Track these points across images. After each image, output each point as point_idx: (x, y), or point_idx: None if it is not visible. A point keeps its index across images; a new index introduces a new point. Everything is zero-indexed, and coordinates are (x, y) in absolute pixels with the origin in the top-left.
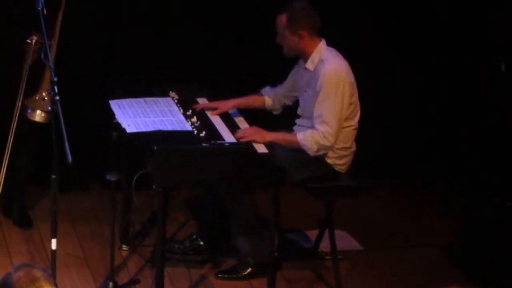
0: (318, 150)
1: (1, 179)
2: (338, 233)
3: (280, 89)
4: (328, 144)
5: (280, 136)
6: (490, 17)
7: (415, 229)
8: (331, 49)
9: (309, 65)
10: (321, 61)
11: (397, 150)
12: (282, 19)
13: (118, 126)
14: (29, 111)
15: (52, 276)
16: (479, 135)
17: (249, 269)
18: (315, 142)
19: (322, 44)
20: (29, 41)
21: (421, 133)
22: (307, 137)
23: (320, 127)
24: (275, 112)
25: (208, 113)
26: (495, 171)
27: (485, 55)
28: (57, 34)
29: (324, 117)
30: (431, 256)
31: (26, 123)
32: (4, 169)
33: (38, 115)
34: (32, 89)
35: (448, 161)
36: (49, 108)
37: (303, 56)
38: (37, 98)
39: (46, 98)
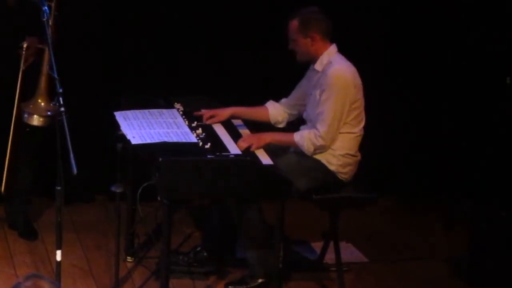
0: (314, 150)
1: (4, 182)
2: (343, 245)
3: (286, 100)
4: (324, 143)
5: (278, 137)
6: (495, 30)
7: (420, 242)
8: (341, 54)
9: (318, 66)
10: (329, 62)
11: (402, 162)
12: (294, 23)
13: (123, 137)
14: (26, 115)
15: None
16: (484, 147)
17: (259, 281)
18: (311, 143)
19: (332, 48)
20: (21, 45)
21: (426, 146)
22: (304, 138)
23: (319, 126)
24: (279, 125)
25: (211, 123)
26: (500, 184)
27: (490, 68)
28: (49, 37)
29: (324, 116)
30: (436, 268)
31: (26, 125)
32: (5, 171)
33: (36, 119)
34: (29, 94)
35: (453, 173)
36: (48, 113)
37: (314, 59)
38: (32, 104)
39: (42, 103)
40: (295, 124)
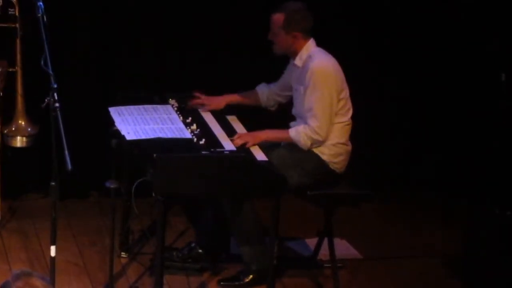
0: (311, 145)
1: None
2: (337, 241)
3: (274, 87)
4: (320, 138)
5: (273, 134)
6: (490, 27)
7: (415, 239)
8: (319, 48)
9: (298, 61)
10: (309, 57)
11: (397, 160)
12: (279, 17)
13: (117, 133)
14: (9, 138)
15: (51, 283)
16: (479, 145)
17: (251, 277)
18: (307, 138)
19: (311, 42)
20: None
21: (421, 144)
22: (300, 133)
23: (311, 122)
24: (271, 109)
25: (203, 113)
26: (495, 181)
27: (484, 65)
28: (19, 60)
29: (314, 111)
30: (431, 266)
31: (8, 149)
32: None
33: (20, 141)
34: (10, 117)
35: (448, 171)
36: (29, 130)
37: (293, 54)
38: (13, 127)
39: (23, 123)
40: (286, 109)
